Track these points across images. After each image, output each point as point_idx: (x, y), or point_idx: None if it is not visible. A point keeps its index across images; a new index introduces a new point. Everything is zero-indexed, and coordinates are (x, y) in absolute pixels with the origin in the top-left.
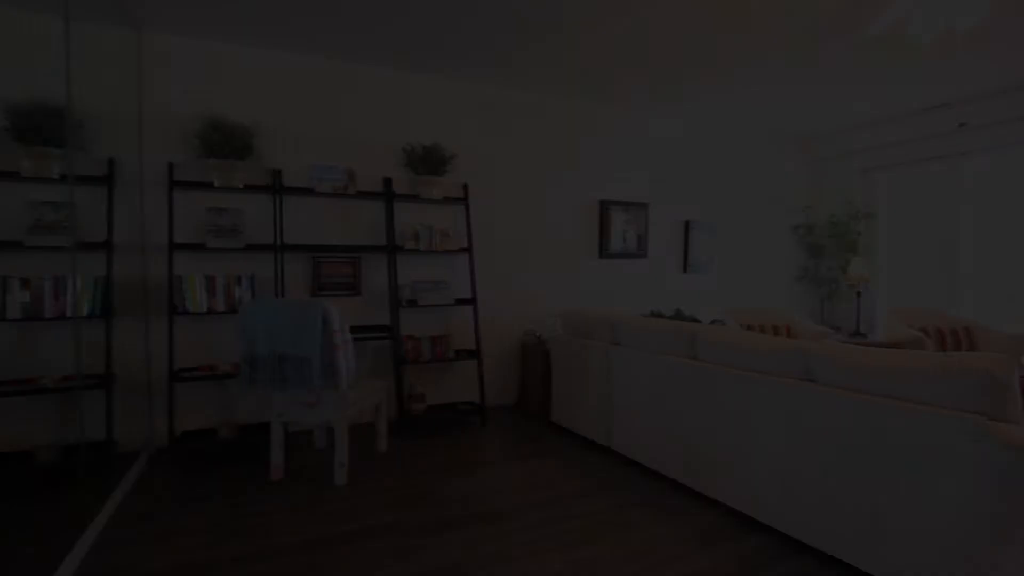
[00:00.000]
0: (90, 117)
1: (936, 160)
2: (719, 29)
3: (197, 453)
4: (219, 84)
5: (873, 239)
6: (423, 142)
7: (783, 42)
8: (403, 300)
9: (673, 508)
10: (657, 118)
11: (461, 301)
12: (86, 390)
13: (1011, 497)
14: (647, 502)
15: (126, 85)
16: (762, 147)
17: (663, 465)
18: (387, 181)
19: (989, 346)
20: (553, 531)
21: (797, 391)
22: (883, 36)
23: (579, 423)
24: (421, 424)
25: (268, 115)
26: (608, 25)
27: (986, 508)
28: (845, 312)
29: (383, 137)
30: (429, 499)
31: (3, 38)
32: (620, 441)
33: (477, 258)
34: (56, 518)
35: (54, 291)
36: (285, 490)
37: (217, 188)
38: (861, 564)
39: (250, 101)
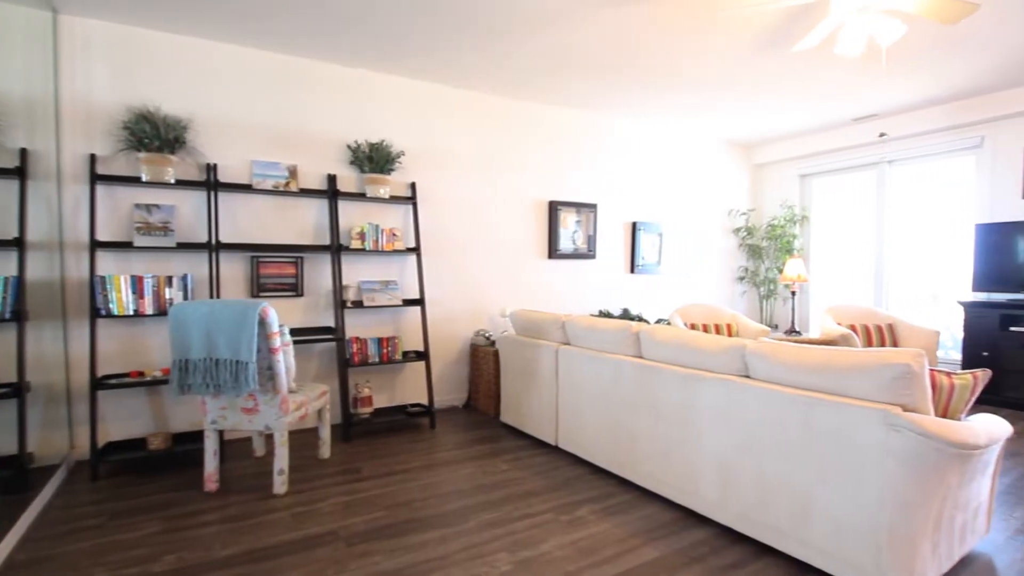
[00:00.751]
0: None
1: (864, 168)
2: (663, 40)
3: (124, 465)
4: (150, 73)
5: (808, 242)
6: (370, 139)
7: (723, 54)
8: (348, 301)
9: (620, 505)
10: (606, 121)
11: (409, 302)
12: None
13: (924, 480)
14: (595, 500)
15: (42, 70)
16: (707, 152)
17: (610, 462)
18: (331, 179)
19: (909, 341)
20: (500, 532)
21: (735, 387)
22: (814, 51)
23: (528, 423)
24: (368, 428)
25: (204, 107)
26: (555, 32)
27: (902, 491)
28: (783, 311)
29: (328, 134)
30: (373, 505)
31: None
32: (568, 440)
33: (426, 258)
34: None
35: None
36: (221, 501)
37: (146, 183)
38: (792, 551)
39: (184, 92)
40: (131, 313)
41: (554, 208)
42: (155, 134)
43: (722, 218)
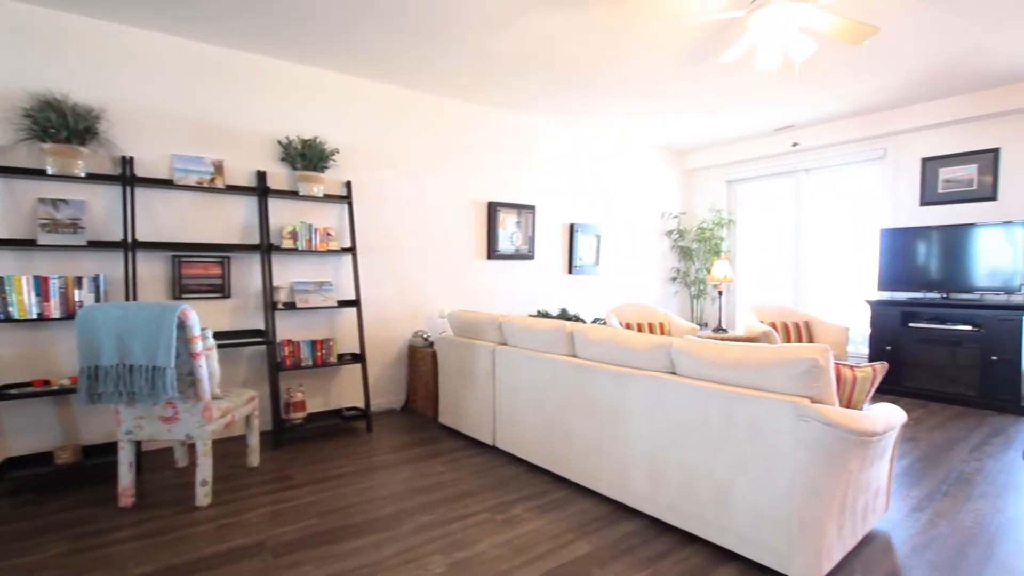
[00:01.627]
0: None
1: (784, 175)
2: (596, 47)
3: (27, 482)
4: (57, 58)
5: (734, 244)
6: (302, 136)
7: (654, 63)
8: (280, 303)
9: (555, 502)
10: (545, 124)
11: (345, 303)
12: None
13: (830, 466)
14: (530, 498)
15: None
16: (642, 157)
17: (546, 460)
18: (261, 175)
19: (823, 337)
20: (436, 535)
21: (663, 384)
22: (739, 64)
23: (466, 424)
24: (301, 434)
25: (120, 97)
26: (492, 34)
27: (811, 477)
28: (712, 309)
29: (257, 129)
30: (304, 513)
31: None
32: (506, 440)
33: (363, 258)
34: None
35: None
36: (137, 516)
37: (52, 176)
38: (715, 539)
39: (97, 80)
40: (34, 317)
41: (493, 209)
42: (62, 123)
43: (656, 221)
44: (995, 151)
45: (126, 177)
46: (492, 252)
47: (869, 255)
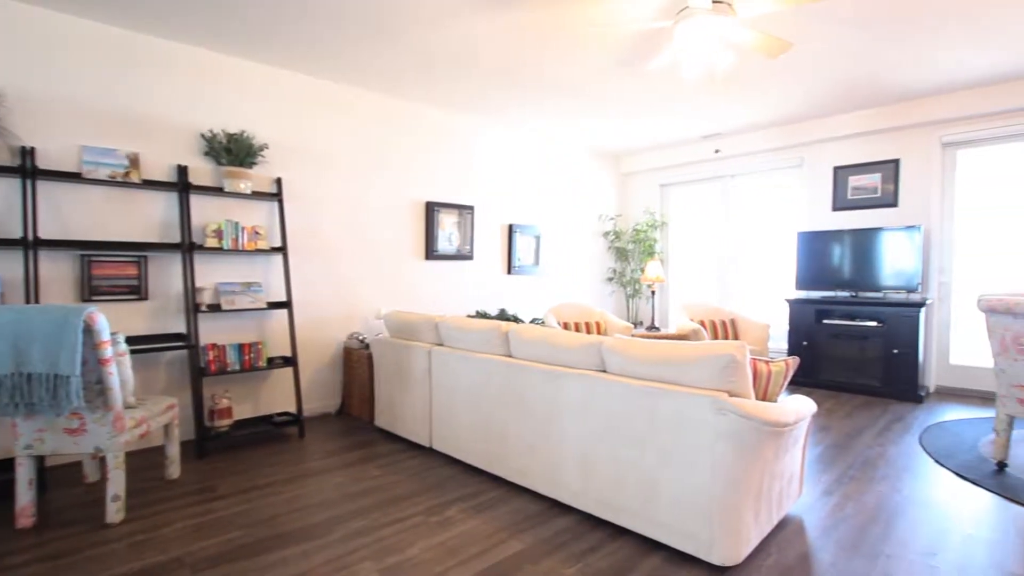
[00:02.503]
0: None
1: (712, 180)
2: (534, 50)
3: None
4: None
5: (667, 245)
6: (228, 129)
7: (590, 68)
8: (203, 305)
9: (490, 501)
10: (485, 124)
11: (275, 305)
12: None
13: (746, 456)
14: (465, 499)
15: None
16: (580, 160)
17: (481, 460)
18: (182, 170)
19: (747, 334)
20: (367, 541)
21: (593, 381)
22: (669, 72)
23: (403, 426)
24: (227, 442)
25: (18, 82)
26: (431, 32)
27: (729, 467)
28: (646, 308)
29: (178, 120)
30: (228, 525)
31: None
32: (442, 441)
33: (296, 258)
34: None
35: None
36: (38, 538)
37: None
38: (643, 530)
39: None
40: None
41: (432, 209)
42: None
43: (593, 222)
44: (896, 161)
45: (26, 169)
46: (431, 252)
47: (788, 257)
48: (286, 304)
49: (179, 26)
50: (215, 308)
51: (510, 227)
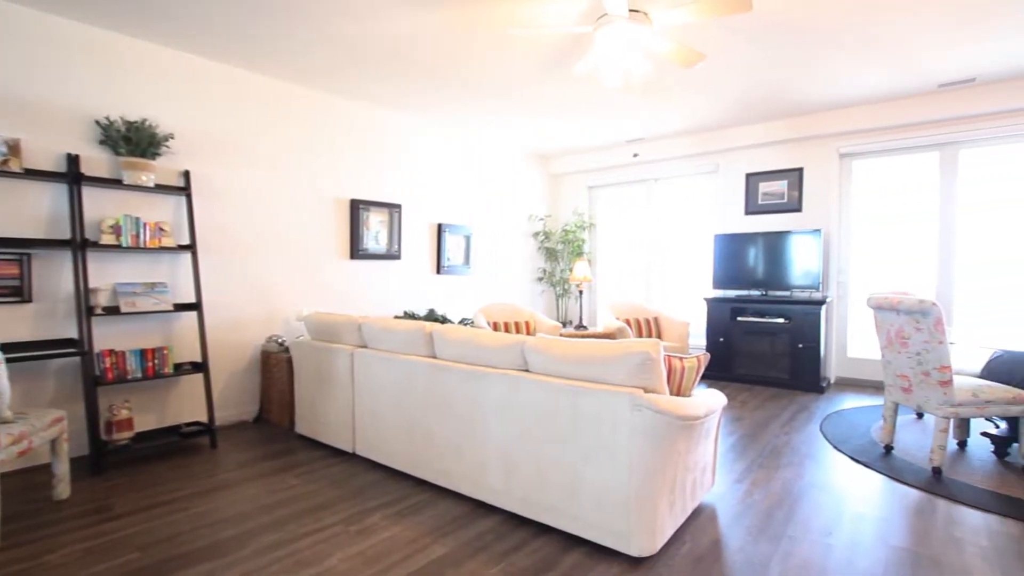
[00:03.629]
0: None
1: (637, 183)
2: (460, 49)
3: None
4: None
5: (595, 246)
6: (127, 116)
7: (518, 70)
8: (99, 307)
9: (414, 506)
10: (412, 122)
11: (184, 307)
12: None
13: (660, 449)
14: (389, 504)
15: None
16: (510, 160)
17: (406, 464)
18: (73, 159)
19: (669, 331)
20: (281, 555)
21: (516, 381)
22: (587, 77)
23: (325, 432)
24: (127, 456)
25: None
26: (354, 25)
27: (645, 461)
28: (576, 308)
29: (69, 105)
30: (124, 547)
31: None
32: (366, 446)
33: (209, 257)
34: None
35: None
36: None
37: None
38: (566, 527)
39: None
40: None
41: (357, 207)
42: None
43: (524, 223)
44: (800, 170)
45: None
46: (356, 252)
47: (707, 258)
48: (195, 306)
49: (70, 1)
50: (113, 311)
51: (439, 226)
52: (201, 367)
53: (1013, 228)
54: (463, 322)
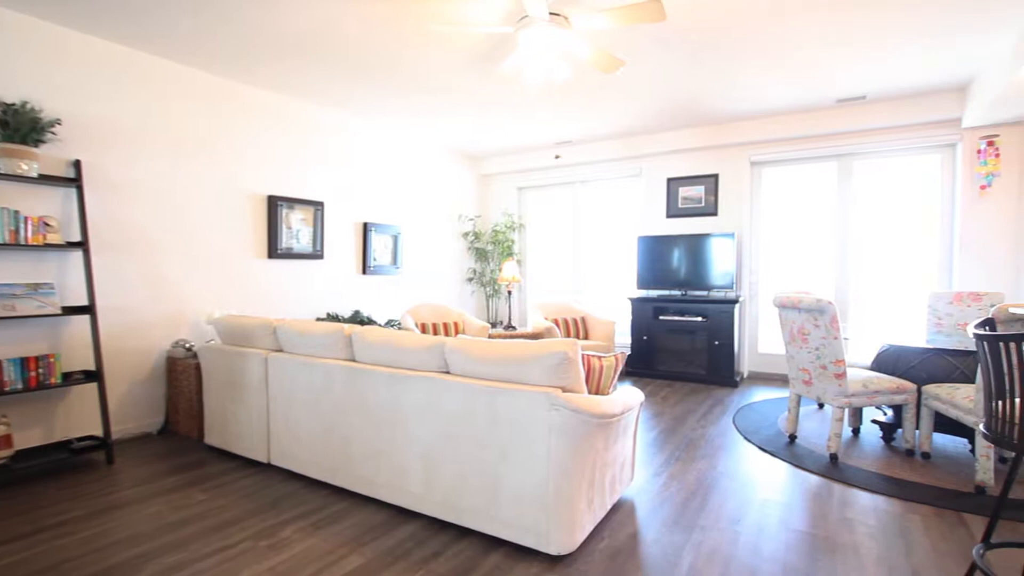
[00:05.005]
0: None
1: (564, 185)
2: (386, 45)
3: None
4: None
5: (525, 247)
6: (4, 98)
7: (443, 66)
8: None
9: (332, 516)
10: (336, 117)
11: (74, 310)
12: None
13: (577, 448)
14: (304, 516)
15: None
16: (439, 159)
17: (325, 472)
18: None
19: (596, 330)
20: None
21: (436, 383)
22: (513, 78)
23: (237, 442)
24: (6, 477)
25: None
26: (267, 11)
27: (562, 460)
28: (506, 308)
29: None
30: None
31: None
32: (282, 455)
33: (106, 256)
34: None
35: None
36: None
37: None
38: (486, 529)
39: None
40: None
41: (275, 204)
42: None
43: (453, 223)
44: (715, 176)
45: None
46: (275, 251)
47: (632, 258)
48: (88, 309)
49: None
50: None
51: (365, 225)
52: (95, 376)
53: (899, 233)
54: (390, 323)
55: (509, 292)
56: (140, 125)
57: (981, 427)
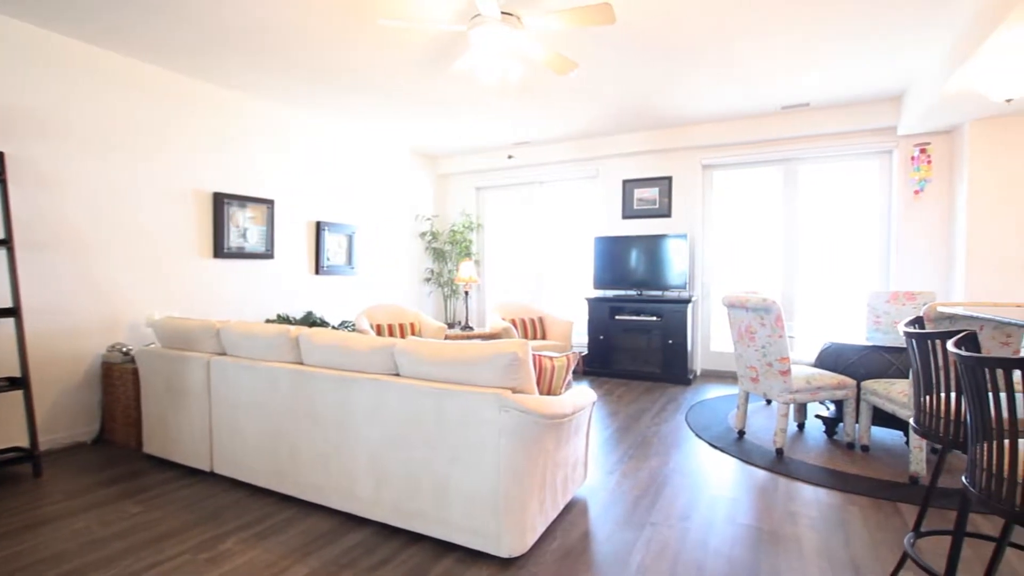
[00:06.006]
0: None
1: (522, 186)
2: (337, 40)
3: None
4: None
5: (483, 247)
6: None
7: (395, 63)
8: None
9: (277, 525)
10: (287, 114)
11: None
12: None
13: (528, 449)
14: (248, 526)
15: None
16: (396, 158)
17: (271, 480)
18: None
19: (554, 330)
20: None
21: (386, 385)
22: (468, 78)
23: (178, 450)
24: None
25: None
26: (221, 6)
27: (513, 461)
28: (464, 309)
29: None
30: None
31: None
32: (225, 462)
33: (32, 255)
34: None
35: None
36: None
37: None
38: (437, 533)
39: None
40: None
41: (222, 201)
42: None
43: (411, 222)
44: (669, 178)
45: None
46: (221, 250)
47: (589, 259)
48: (12, 311)
49: None
50: None
51: (319, 224)
52: (20, 383)
53: (842, 236)
54: (344, 325)
55: (466, 293)
56: (74, 117)
57: (911, 421)
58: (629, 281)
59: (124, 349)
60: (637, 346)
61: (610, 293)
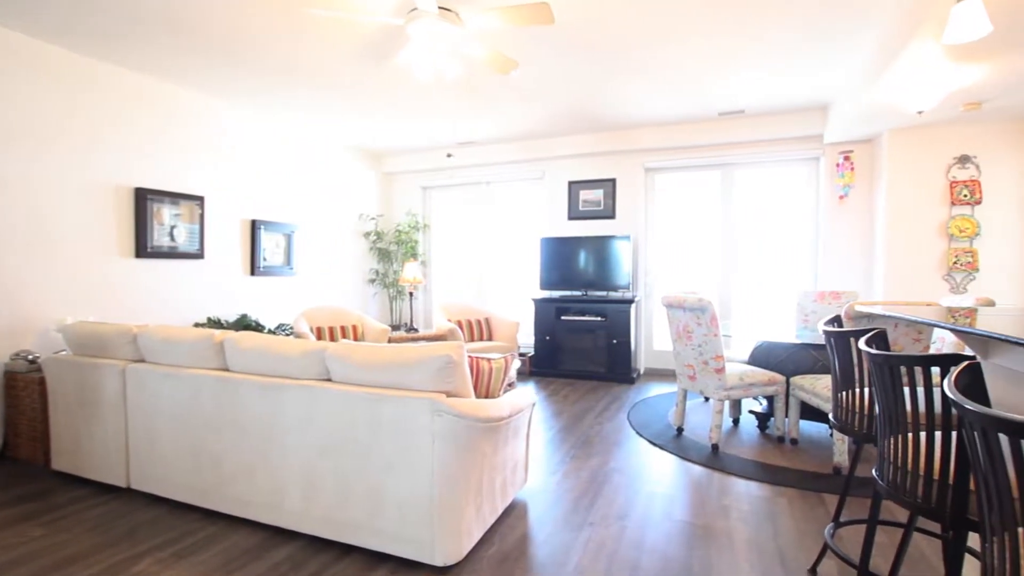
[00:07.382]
0: None
1: (470, 186)
2: (271, 29)
3: None
4: None
5: (429, 247)
6: None
7: (332, 57)
8: None
9: (198, 543)
10: (220, 107)
11: None
12: None
13: (463, 454)
14: (166, 545)
15: None
16: (338, 156)
17: (193, 495)
18: None
19: (500, 331)
20: None
21: (316, 392)
22: (409, 74)
23: (90, 465)
24: None
25: None
26: None
27: (447, 467)
28: (409, 310)
29: None
30: None
31: None
32: (143, 477)
33: None
34: None
35: None
36: None
37: None
38: (370, 544)
39: None
40: None
41: (144, 197)
42: None
43: (354, 222)
44: (613, 180)
45: None
46: (144, 249)
47: (536, 260)
48: None
49: None
50: None
51: (254, 223)
52: None
53: (775, 238)
54: (281, 328)
55: (411, 294)
56: None
57: (831, 415)
58: (575, 282)
59: (30, 357)
60: (583, 346)
61: (556, 294)
